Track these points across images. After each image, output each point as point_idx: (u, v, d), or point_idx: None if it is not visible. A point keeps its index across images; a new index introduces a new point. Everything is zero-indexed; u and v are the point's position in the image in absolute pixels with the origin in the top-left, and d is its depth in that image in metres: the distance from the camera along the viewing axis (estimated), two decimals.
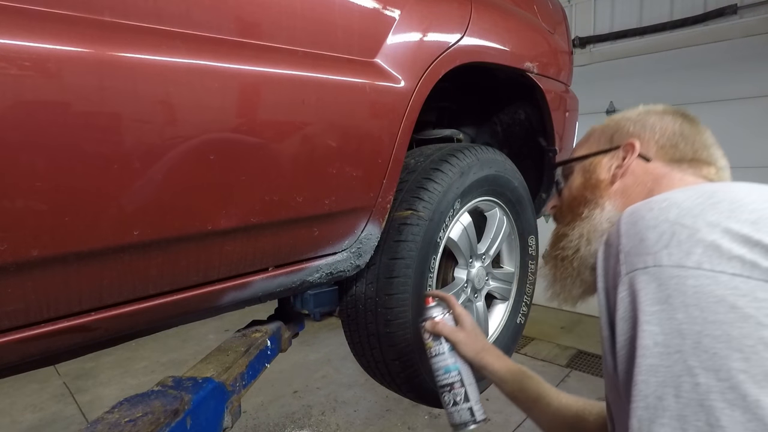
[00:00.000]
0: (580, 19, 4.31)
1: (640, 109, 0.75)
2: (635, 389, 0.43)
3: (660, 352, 0.42)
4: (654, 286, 0.44)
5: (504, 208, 1.36)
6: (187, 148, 0.61)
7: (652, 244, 0.46)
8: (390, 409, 3.03)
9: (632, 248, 0.48)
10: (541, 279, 0.78)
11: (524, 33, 1.37)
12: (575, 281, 0.70)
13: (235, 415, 0.82)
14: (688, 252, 0.44)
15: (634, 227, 0.50)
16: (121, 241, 0.59)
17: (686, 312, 0.42)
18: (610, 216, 0.66)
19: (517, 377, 0.86)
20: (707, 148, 0.67)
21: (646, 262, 0.46)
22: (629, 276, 0.47)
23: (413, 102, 0.94)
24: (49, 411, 3.13)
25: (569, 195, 0.75)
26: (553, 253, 0.74)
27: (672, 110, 0.72)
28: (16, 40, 0.47)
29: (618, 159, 0.69)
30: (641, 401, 0.42)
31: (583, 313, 4.47)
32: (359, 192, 0.91)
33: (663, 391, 0.41)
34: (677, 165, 0.66)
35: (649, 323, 0.43)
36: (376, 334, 1.07)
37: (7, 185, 0.49)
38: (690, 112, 0.71)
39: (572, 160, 0.77)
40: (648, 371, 0.42)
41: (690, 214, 0.47)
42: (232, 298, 0.78)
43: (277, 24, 0.72)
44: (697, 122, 0.70)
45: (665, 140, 0.68)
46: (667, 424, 0.40)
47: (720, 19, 3.57)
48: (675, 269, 0.44)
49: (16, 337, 0.55)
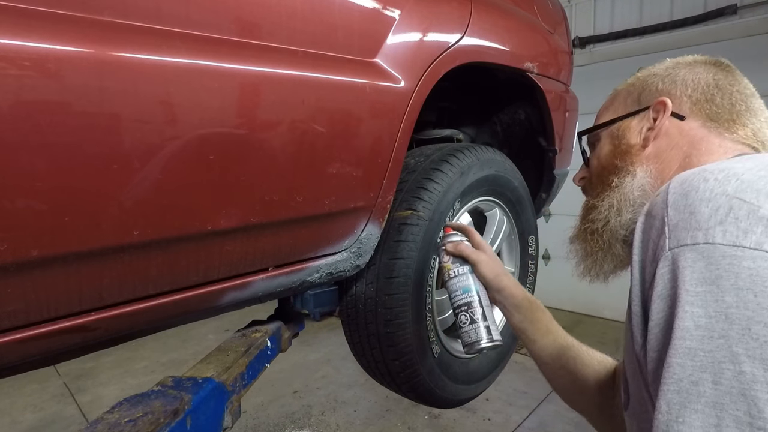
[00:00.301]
0: (580, 19, 4.31)
1: (667, 62, 0.69)
2: (668, 371, 0.40)
3: (701, 335, 0.39)
4: (702, 264, 0.41)
5: (504, 208, 1.36)
6: (187, 148, 0.61)
7: (705, 218, 0.42)
8: (390, 409, 3.03)
9: (681, 221, 0.44)
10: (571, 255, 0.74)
11: (524, 33, 1.37)
12: (606, 255, 0.66)
13: (235, 415, 0.82)
14: (747, 230, 0.40)
15: (684, 198, 0.45)
16: (121, 241, 0.59)
17: (737, 295, 0.39)
18: (643, 183, 0.62)
19: (532, 306, 0.84)
20: (745, 100, 0.62)
21: (695, 238, 0.42)
22: (674, 251, 0.43)
23: (413, 102, 0.94)
24: (49, 411, 3.13)
25: (598, 165, 0.71)
26: (582, 227, 0.71)
27: (704, 59, 0.66)
28: (16, 40, 0.47)
29: (648, 120, 0.64)
30: (673, 384, 0.40)
31: (583, 313, 4.47)
32: (359, 192, 0.91)
33: (700, 376, 0.39)
34: (714, 126, 0.61)
35: (692, 304, 0.40)
36: (376, 334, 1.07)
37: (7, 185, 0.49)
38: (725, 59, 0.66)
39: (598, 127, 0.72)
40: (685, 354, 0.40)
41: (752, 188, 0.43)
42: (232, 298, 0.78)
43: (277, 24, 0.72)
44: (733, 70, 0.65)
45: (699, 94, 0.62)
46: (700, 411, 0.38)
47: (720, 19, 3.58)
48: (729, 248, 0.40)
49: (16, 337, 0.55)
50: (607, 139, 0.70)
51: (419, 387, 1.14)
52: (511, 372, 3.29)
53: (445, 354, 1.18)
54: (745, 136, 0.60)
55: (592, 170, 0.73)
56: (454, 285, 0.89)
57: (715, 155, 0.59)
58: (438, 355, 1.15)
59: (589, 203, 0.71)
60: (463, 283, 0.88)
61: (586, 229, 0.69)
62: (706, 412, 0.38)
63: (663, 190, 0.49)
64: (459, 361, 1.24)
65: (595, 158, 0.72)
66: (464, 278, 0.88)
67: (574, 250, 0.73)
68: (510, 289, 0.85)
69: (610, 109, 0.72)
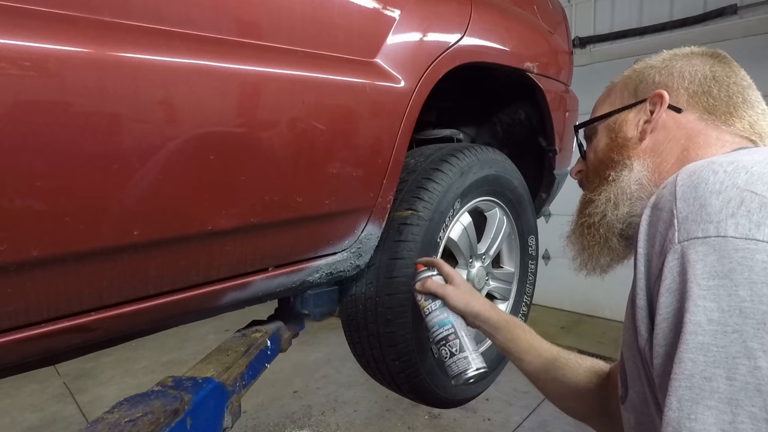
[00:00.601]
0: (580, 19, 4.31)
1: (664, 54, 0.68)
2: (679, 366, 0.40)
3: (714, 330, 0.39)
4: (714, 258, 0.40)
5: (504, 208, 1.36)
6: (187, 148, 0.61)
7: (716, 211, 0.42)
8: (390, 409, 3.03)
9: (690, 214, 0.43)
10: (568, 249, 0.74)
11: (524, 33, 1.37)
12: (603, 249, 0.66)
13: (235, 415, 0.82)
14: (759, 223, 0.40)
15: (693, 191, 0.45)
16: (121, 241, 0.59)
17: (751, 289, 0.38)
18: (640, 177, 0.62)
19: (509, 326, 0.85)
20: (742, 91, 0.62)
21: (706, 231, 0.41)
22: (683, 244, 0.42)
23: (413, 102, 0.94)
24: (49, 411, 3.13)
25: (595, 158, 0.71)
26: (579, 221, 0.71)
27: (701, 51, 0.66)
28: (16, 40, 0.47)
29: (645, 113, 0.64)
30: (685, 380, 0.39)
31: (582, 313, 4.47)
32: (359, 192, 0.91)
33: (713, 372, 0.38)
34: (711, 119, 0.61)
35: (704, 298, 0.40)
36: (376, 334, 1.07)
37: (7, 185, 0.49)
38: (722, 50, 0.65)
39: (595, 119, 0.72)
40: (697, 349, 0.39)
41: (762, 181, 0.42)
42: (232, 298, 0.78)
43: (277, 24, 0.72)
44: (730, 62, 0.64)
45: (696, 86, 0.62)
46: (713, 407, 0.37)
47: (720, 19, 3.57)
48: (742, 241, 0.40)
49: (16, 337, 0.55)
50: (604, 132, 0.69)
51: (419, 387, 1.14)
52: (511, 372, 3.27)
53: None
54: (742, 128, 0.60)
55: (589, 163, 0.73)
56: (431, 321, 0.90)
57: (712, 148, 0.59)
58: (438, 356, 1.15)
59: (586, 197, 0.71)
60: (437, 318, 0.89)
61: (583, 223, 0.69)
62: (720, 409, 0.37)
63: (670, 182, 0.48)
64: None
65: (592, 151, 0.72)
66: (437, 313, 0.90)
67: (571, 245, 0.73)
68: (484, 314, 0.87)
69: (606, 102, 0.72)
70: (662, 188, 0.49)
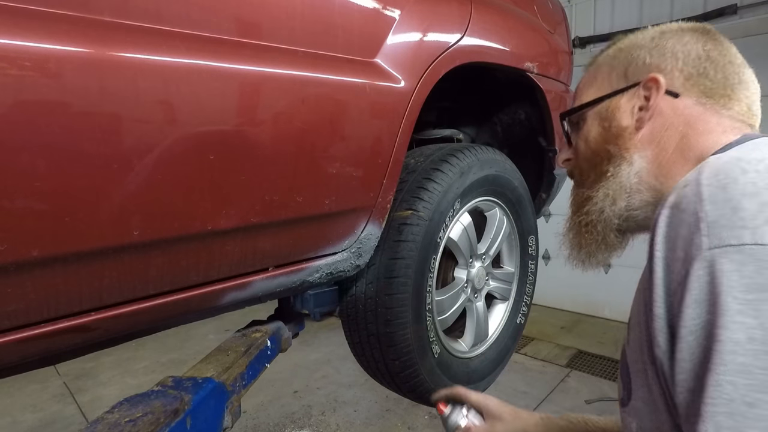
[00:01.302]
0: (580, 19, 4.31)
1: (651, 31, 0.62)
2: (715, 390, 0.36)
3: (756, 350, 0.35)
4: (752, 268, 0.37)
5: (504, 208, 1.36)
6: (187, 148, 0.61)
7: (751, 215, 0.38)
8: (390, 409, 3.03)
9: (721, 218, 0.39)
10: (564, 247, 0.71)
11: (524, 33, 1.37)
12: (600, 246, 0.63)
13: (235, 415, 0.82)
14: None
15: (723, 192, 0.41)
16: (121, 241, 0.59)
17: None
18: (639, 170, 0.58)
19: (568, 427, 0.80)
20: (738, 71, 0.58)
21: (741, 238, 0.38)
22: (714, 252, 0.39)
23: (413, 102, 0.94)
24: (49, 411, 3.12)
25: (587, 149, 0.65)
26: (576, 219, 0.66)
27: (690, 27, 0.61)
28: (16, 40, 0.47)
29: (639, 99, 0.59)
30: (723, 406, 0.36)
31: (582, 313, 4.47)
32: (359, 192, 0.91)
33: (756, 397, 0.35)
34: (710, 103, 0.57)
35: (743, 314, 0.36)
36: (376, 334, 1.07)
37: (7, 185, 0.49)
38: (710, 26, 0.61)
39: (583, 106, 0.66)
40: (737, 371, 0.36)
41: None
42: (232, 298, 0.78)
43: (276, 24, 0.72)
44: (721, 38, 0.60)
45: (691, 68, 0.58)
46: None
47: (720, 19, 3.57)
48: None
49: (16, 337, 0.55)
50: (595, 120, 0.64)
51: (419, 387, 1.14)
52: (511, 372, 3.29)
53: (445, 354, 1.18)
54: (741, 111, 0.57)
55: (579, 153, 0.68)
56: None
57: (713, 134, 0.56)
58: (438, 355, 1.15)
59: (583, 194, 0.66)
60: None
61: (580, 222, 0.65)
62: None
63: (692, 181, 0.44)
64: (459, 361, 1.24)
65: (582, 141, 0.66)
66: None
67: (568, 242, 0.70)
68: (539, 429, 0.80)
69: (593, 86, 0.66)
70: (683, 187, 0.45)
